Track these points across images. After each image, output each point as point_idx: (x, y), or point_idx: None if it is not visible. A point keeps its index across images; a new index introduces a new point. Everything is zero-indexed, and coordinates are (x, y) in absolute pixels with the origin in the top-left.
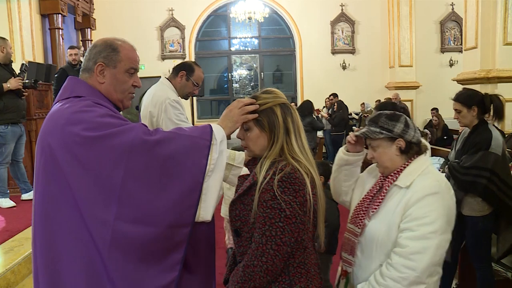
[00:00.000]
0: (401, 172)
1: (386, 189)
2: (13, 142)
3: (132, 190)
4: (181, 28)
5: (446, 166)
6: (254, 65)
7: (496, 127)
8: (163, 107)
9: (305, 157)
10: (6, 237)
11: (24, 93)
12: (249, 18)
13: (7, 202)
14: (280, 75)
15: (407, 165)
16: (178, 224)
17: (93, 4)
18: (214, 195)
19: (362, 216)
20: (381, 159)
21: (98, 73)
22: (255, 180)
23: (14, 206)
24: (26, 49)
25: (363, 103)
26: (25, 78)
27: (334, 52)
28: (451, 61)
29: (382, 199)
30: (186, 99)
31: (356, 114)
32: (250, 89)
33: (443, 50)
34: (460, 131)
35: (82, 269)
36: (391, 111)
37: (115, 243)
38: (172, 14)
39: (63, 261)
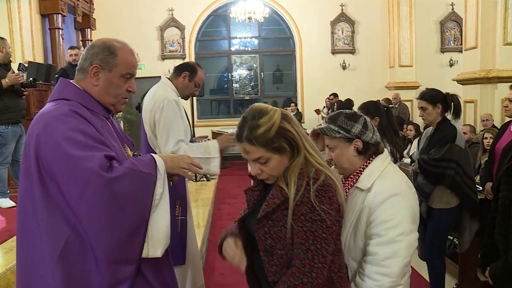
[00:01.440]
0: (360, 173)
1: (346, 192)
2: (14, 142)
3: (83, 217)
4: (181, 28)
5: (414, 162)
6: (254, 65)
7: None
8: (161, 106)
9: (322, 160)
10: (6, 237)
11: (24, 93)
12: (249, 18)
13: (7, 202)
14: (280, 75)
15: (366, 166)
16: (123, 261)
17: (93, 4)
18: (162, 230)
19: None
20: (339, 160)
21: (92, 75)
22: (285, 196)
23: (14, 206)
24: (26, 49)
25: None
26: (23, 78)
27: (334, 52)
28: (451, 61)
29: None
30: (186, 99)
31: None
32: (250, 89)
33: (443, 50)
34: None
35: (45, 282)
36: (351, 111)
37: (62, 263)
38: (172, 14)
39: (36, 270)
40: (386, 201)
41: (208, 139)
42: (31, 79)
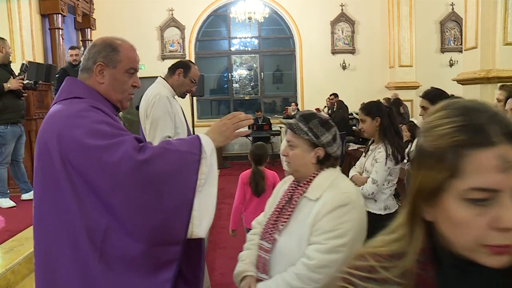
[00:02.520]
0: (310, 182)
1: (295, 201)
2: (13, 142)
3: (120, 205)
4: (181, 28)
5: (408, 162)
6: (254, 65)
7: None
8: (152, 102)
9: None
10: (6, 237)
11: (23, 94)
12: (249, 18)
13: (7, 202)
14: (280, 75)
15: (317, 174)
16: (168, 242)
17: (93, 4)
18: (208, 210)
19: (272, 231)
20: (295, 160)
21: (97, 73)
22: None
23: (14, 206)
24: (26, 49)
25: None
26: (25, 78)
27: (334, 52)
28: (451, 61)
29: (291, 211)
30: (183, 97)
31: (357, 113)
32: (250, 89)
33: (443, 50)
34: None
35: (77, 278)
36: (326, 117)
37: (104, 254)
38: (172, 14)
39: (59, 267)
40: (334, 211)
41: None
42: (32, 81)
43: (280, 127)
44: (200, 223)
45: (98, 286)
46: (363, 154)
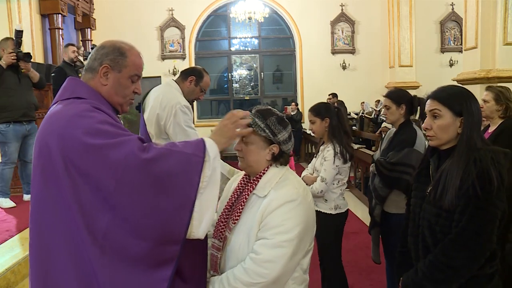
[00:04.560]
0: (259, 179)
1: (245, 198)
2: (17, 142)
3: (123, 203)
4: (181, 28)
5: (373, 163)
6: (254, 65)
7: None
8: (173, 111)
9: None
10: (6, 237)
11: (21, 68)
12: (249, 18)
13: (7, 202)
14: (280, 75)
15: (267, 170)
16: (168, 241)
17: (93, 4)
18: (207, 212)
19: (222, 229)
20: (249, 156)
21: (102, 74)
22: None
23: (14, 207)
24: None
25: (363, 102)
26: (18, 47)
27: (334, 52)
28: (451, 61)
29: (242, 209)
30: (191, 104)
31: (356, 114)
32: (250, 89)
33: (443, 50)
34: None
35: (75, 276)
36: (282, 114)
37: (105, 252)
38: (172, 14)
39: (56, 266)
40: (281, 207)
41: None
42: (24, 52)
43: None
44: (199, 224)
45: (95, 285)
46: (315, 155)
